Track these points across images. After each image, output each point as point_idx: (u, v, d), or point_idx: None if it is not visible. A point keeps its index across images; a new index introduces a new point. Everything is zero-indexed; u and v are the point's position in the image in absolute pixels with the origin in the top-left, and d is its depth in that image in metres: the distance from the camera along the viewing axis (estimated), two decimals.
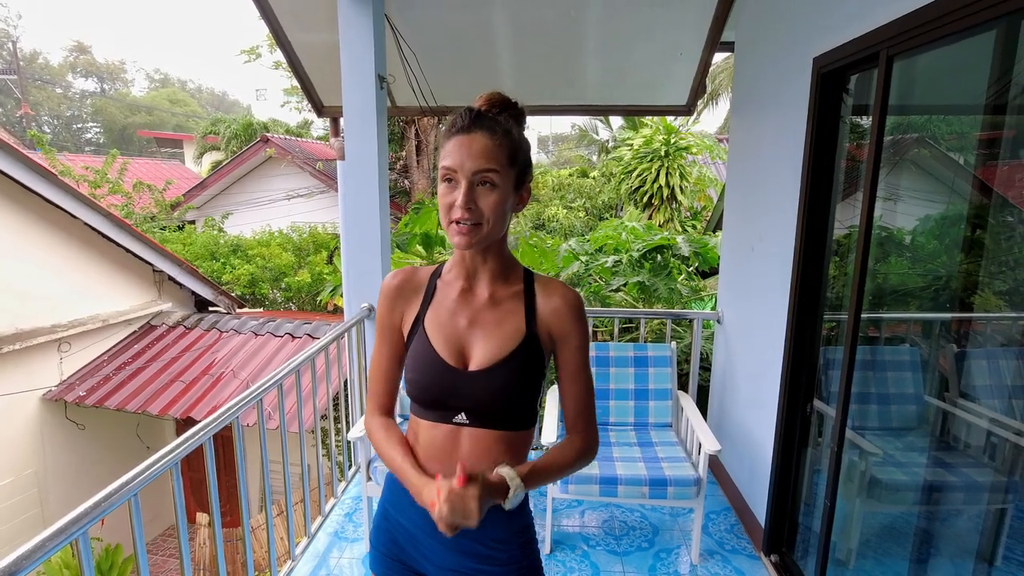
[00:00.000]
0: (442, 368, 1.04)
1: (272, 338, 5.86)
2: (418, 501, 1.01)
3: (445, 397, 1.04)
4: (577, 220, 10.81)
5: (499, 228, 1.01)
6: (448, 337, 1.06)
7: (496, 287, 1.08)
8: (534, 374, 1.05)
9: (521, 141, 1.03)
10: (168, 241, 9.16)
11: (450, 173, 0.97)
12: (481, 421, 1.04)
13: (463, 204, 0.96)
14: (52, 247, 5.26)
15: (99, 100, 35.52)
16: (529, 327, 1.05)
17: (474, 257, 1.06)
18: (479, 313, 1.06)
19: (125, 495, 1.40)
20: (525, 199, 1.06)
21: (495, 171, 0.96)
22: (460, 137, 0.97)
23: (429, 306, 1.10)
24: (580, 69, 3.62)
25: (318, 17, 3.22)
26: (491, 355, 1.03)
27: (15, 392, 5.02)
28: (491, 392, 1.02)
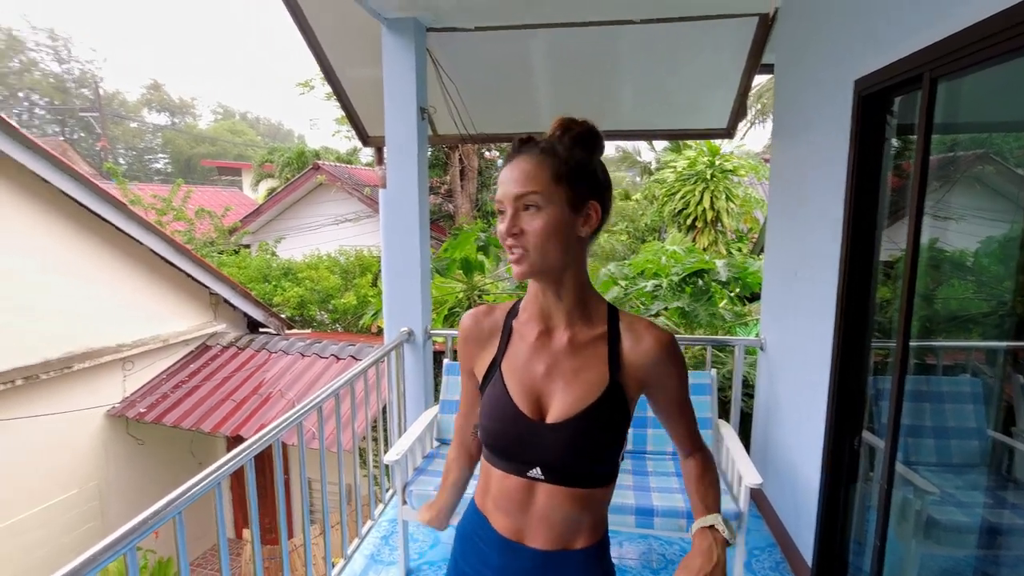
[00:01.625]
0: (517, 418, 0.97)
1: (318, 359, 6.03)
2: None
3: (519, 449, 0.98)
4: (619, 243, 10.75)
5: (554, 254, 0.93)
6: (525, 385, 0.99)
7: (576, 329, 1.00)
8: (616, 427, 0.98)
9: (570, 157, 0.93)
10: (224, 265, 9.62)
11: (499, 204, 0.95)
12: (557, 477, 0.97)
13: (506, 230, 0.92)
14: (120, 271, 5.61)
15: (168, 132, 37.96)
16: (612, 375, 0.97)
17: (547, 293, 0.99)
18: (558, 359, 0.99)
19: (171, 512, 1.47)
20: (594, 220, 0.96)
21: (536, 192, 0.90)
22: (505, 168, 0.95)
23: (506, 350, 1.03)
24: (617, 95, 3.65)
25: (364, 54, 3.37)
26: (570, 407, 0.95)
27: (83, 408, 5.33)
28: (569, 448, 0.95)
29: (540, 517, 0.99)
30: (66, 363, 5.07)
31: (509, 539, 1.01)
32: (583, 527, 1.00)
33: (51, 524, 5.00)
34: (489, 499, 1.04)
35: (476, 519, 1.07)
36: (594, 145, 0.97)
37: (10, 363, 4.67)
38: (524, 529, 1.00)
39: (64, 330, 5.11)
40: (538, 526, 0.99)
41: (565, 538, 1.00)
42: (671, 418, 1.05)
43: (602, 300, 1.05)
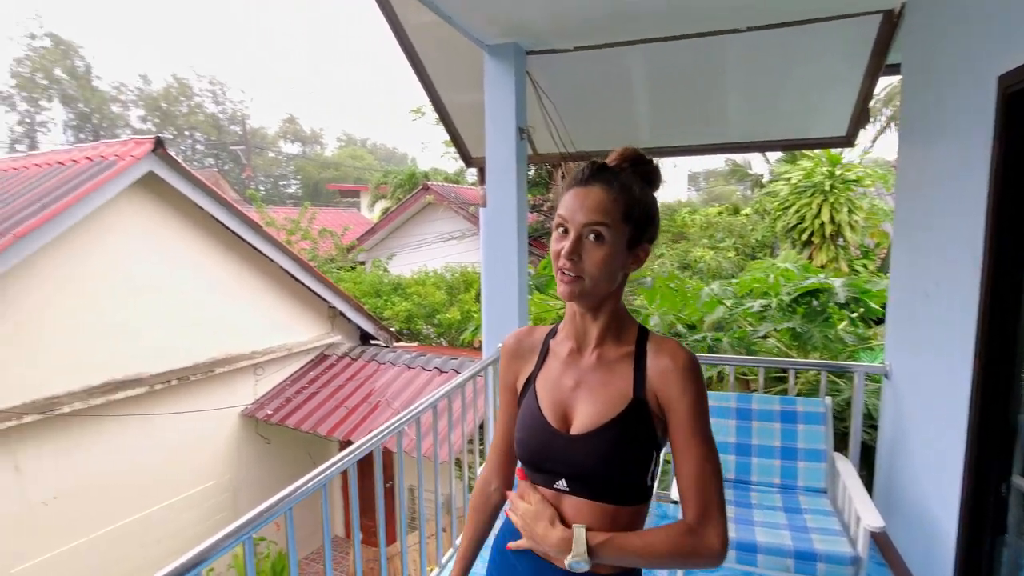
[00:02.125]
0: (544, 429, 1.01)
1: (422, 371, 6.30)
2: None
3: (545, 459, 1.01)
4: (726, 260, 10.18)
5: (605, 285, 0.97)
6: (554, 398, 1.03)
7: (605, 347, 1.03)
8: (640, 443, 0.97)
9: (642, 199, 0.98)
10: (342, 280, 10.39)
11: (562, 221, 0.97)
12: (582, 489, 0.98)
13: (567, 253, 0.94)
14: (256, 286, 6.27)
15: (299, 160, 41.97)
16: (636, 392, 0.98)
17: (584, 316, 1.03)
18: (586, 374, 1.02)
19: (282, 508, 1.60)
20: (641, 259, 1.00)
21: (605, 225, 0.93)
22: (577, 189, 0.97)
23: (542, 366, 1.08)
24: (721, 107, 3.51)
25: (467, 79, 3.53)
26: (592, 419, 0.98)
27: (222, 408, 5.98)
28: (589, 458, 0.97)
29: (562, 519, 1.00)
30: (210, 367, 5.73)
31: (538, 555, 1.02)
32: None
33: (191, 511, 5.63)
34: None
35: (509, 531, 1.09)
36: (656, 183, 1.02)
37: (168, 365, 5.37)
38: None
39: (210, 338, 5.78)
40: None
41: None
42: (676, 450, 0.97)
43: (634, 322, 1.06)
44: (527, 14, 2.84)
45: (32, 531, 4.50)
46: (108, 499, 4.98)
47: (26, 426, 4.38)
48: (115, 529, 5.00)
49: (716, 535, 0.92)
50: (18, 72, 30.76)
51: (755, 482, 2.50)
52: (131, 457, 5.17)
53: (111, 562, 4.85)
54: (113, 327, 4.97)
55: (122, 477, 5.10)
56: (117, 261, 5.00)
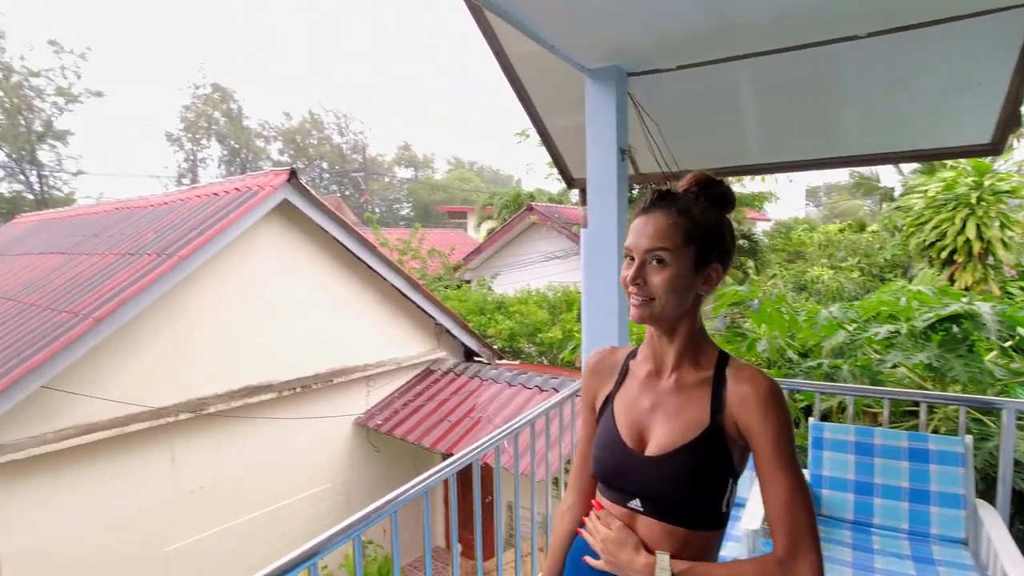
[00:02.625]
0: (620, 448, 1.04)
1: (523, 389, 6.39)
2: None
3: (619, 478, 1.04)
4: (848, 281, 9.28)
5: (674, 306, 1.00)
6: (631, 418, 1.06)
7: (683, 371, 1.05)
8: (715, 469, 0.98)
9: (704, 221, 1.01)
10: (448, 299, 10.83)
11: (628, 251, 1.04)
12: (655, 511, 1.00)
13: (631, 279, 1.01)
14: (370, 303, 6.74)
15: (412, 184, 44.59)
16: (713, 418, 0.98)
17: (661, 338, 1.06)
18: (663, 397, 1.04)
19: (388, 510, 1.73)
20: (713, 280, 1.03)
21: (666, 250, 0.98)
22: (640, 218, 1.03)
23: (620, 386, 1.11)
24: (841, 118, 3.29)
25: (568, 104, 3.60)
26: (668, 442, 1.00)
27: (338, 415, 6.45)
28: (663, 481, 0.99)
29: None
30: (329, 377, 6.22)
31: (609, 571, 1.03)
32: None
33: (310, 510, 6.10)
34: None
35: (585, 545, 1.10)
36: (728, 205, 1.04)
37: (294, 374, 5.92)
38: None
39: (330, 351, 6.29)
40: None
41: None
42: (762, 480, 0.95)
43: (715, 347, 1.06)
44: (629, 37, 2.86)
45: (182, 516, 5.12)
46: (242, 493, 5.55)
47: (181, 423, 5.02)
48: (247, 520, 5.55)
49: (809, 568, 0.89)
50: (185, 117, 35.73)
51: (878, 525, 2.27)
52: (261, 456, 5.73)
53: (242, 550, 5.38)
54: (250, 338, 5.57)
55: (254, 474, 5.66)
56: (255, 280, 5.62)
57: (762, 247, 12.80)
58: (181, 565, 5.06)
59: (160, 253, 4.95)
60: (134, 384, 4.73)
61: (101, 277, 5.09)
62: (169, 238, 5.26)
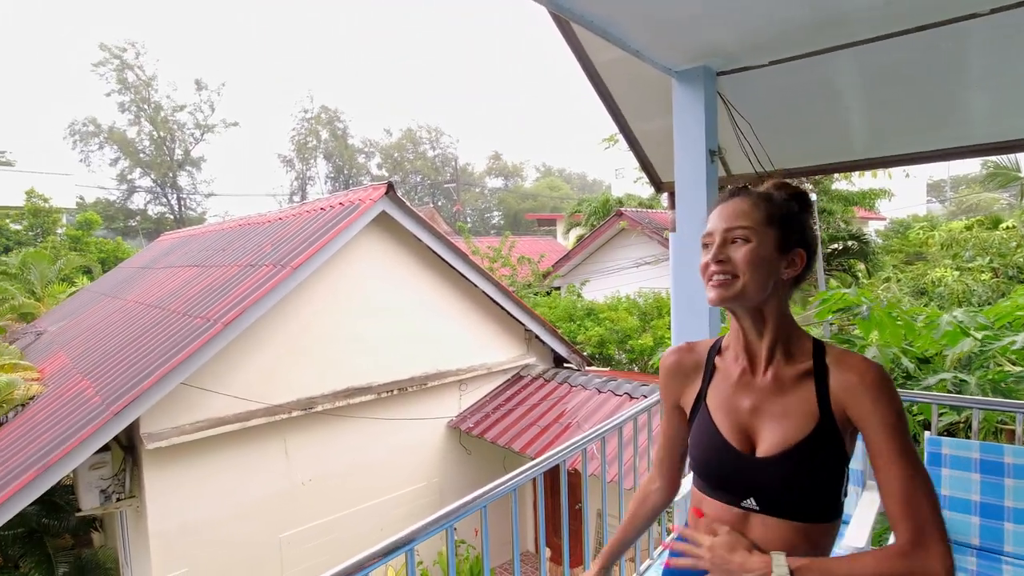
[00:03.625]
0: (727, 451, 1.01)
1: (612, 396, 6.33)
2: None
3: (731, 481, 1.01)
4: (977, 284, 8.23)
5: (757, 285, 0.97)
6: (732, 419, 1.03)
7: (780, 367, 1.01)
8: (832, 462, 0.95)
9: (785, 205, 1.01)
10: (538, 305, 10.94)
11: (707, 239, 1.03)
12: (773, 509, 0.97)
13: (713, 257, 0.99)
14: (463, 310, 6.98)
15: (502, 193, 45.47)
16: (823, 410, 0.95)
17: (751, 331, 1.03)
18: (764, 397, 1.01)
19: (479, 504, 1.81)
20: (798, 265, 1.01)
21: (747, 227, 0.98)
22: (718, 208, 1.04)
23: (710, 384, 1.09)
24: (959, 105, 3.00)
25: (655, 107, 3.57)
26: (780, 442, 0.97)
27: (432, 417, 6.73)
28: (782, 481, 0.96)
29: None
30: (424, 380, 6.51)
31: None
32: None
33: (406, 506, 6.39)
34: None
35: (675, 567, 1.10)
36: (808, 203, 1.03)
37: (392, 377, 6.25)
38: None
39: (425, 355, 6.58)
40: None
41: None
42: (878, 470, 0.91)
43: (806, 335, 1.03)
44: (718, 36, 2.80)
45: (294, 506, 5.57)
46: (346, 487, 5.94)
47: (293, 420, 5.48)
48: (350, 513, 5.93)
49: (938, 558, 0.83)
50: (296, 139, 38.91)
51: (1009, 553, 2.04)
52: (363, 454, 6.10)
53: (345, 539, 5.75)
54: (354, 342, 5.97)
55: (356, 470, 6.03)
56: (357, 287, 6.02)
57: (874, 248, 11.74)
58: (294, 551, 5.51)
59: (276, 264, 5.45)
60: (254, 383, 5.23)
61: (228, 286, 5.68)
62: (283, 250, 5.78)
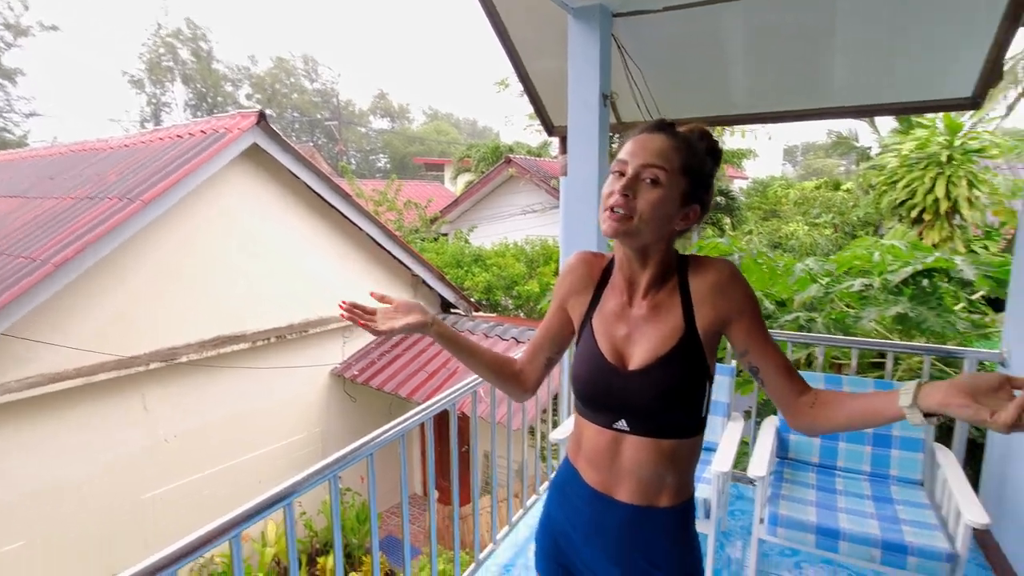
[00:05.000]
0: (603, 366, 1.04)
1: (500, 340, 6.43)
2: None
3: (605, 397, 1.04)
4: (822, 237, 9.42)
5: (651, 229, 0.97)
6: (610, 340, 1.06)
7: (653, 295, 1.05)
8: (696, 373, 1.00)
9: (703, 160, 1.00)
10: (425, 251, 10.71)
11: (620, 165, 0.99)
12: (642, 427, 1.01)
13: (623, 188, 0.96)
14: (346, 253, 6.62)
15: (388, 135, 43.37)
16: (687, 322, 1.00)
17: (632, 262, 1.04)
18: (638, 323, 1.04)
19: (364, 452, 1.72)
20: (691, 219, 1.02)
21: (664, 170, 0.95)
22: (641, 136, 1.00)
23: (598, 304, 1.10)
24: (828, 68, 3.23)
25: (550, 44, 3.47)
26: (650, 354, 1.00)
27: (314, 365, 6.42)
28: (651, 391, 0.99)
29: (627, 471, 1.03)
30: (304, 328, 6.16)
31: (599, 492, 1.06)
32: (668, 484, 1.03)
33: (286, 458, 6.14)
34: (581, 454, 1.10)
35: (569, 473, 1.13)
36: (719, 161, 1.04)
37: (268, 324, 5.83)
38: (612, 483, 1.05)
39: (305, 301, 6.20)
40: (625, 480, 1.03)
41: (650, 494, 1.03)
42: (761, 349, 1.00)
43: (676, 255, 1.07)
44: None
45: (159, 464, 5.10)
46: (219, 441, 5.54)
47: (153, 372, 4.93)
48: (224, 468, 5.56)
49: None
50: (148, 57, 33.77)
51: (841, 468, 2.36)
52: (237, 406, 5.70)
53: (221, 496, 5.41)
54: (223, 288, 5.44)
55: (230, 424, 5.63)
56: (227, 227, 5.44)
57: (739, 204, 12.87)
58: (162, 512, 5.08)
59: (123, 197, 4.73)
60: (102, 333, 4.60)
61: (60, 221, 4.86)
62: (132, 181, 5.03)
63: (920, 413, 0.79)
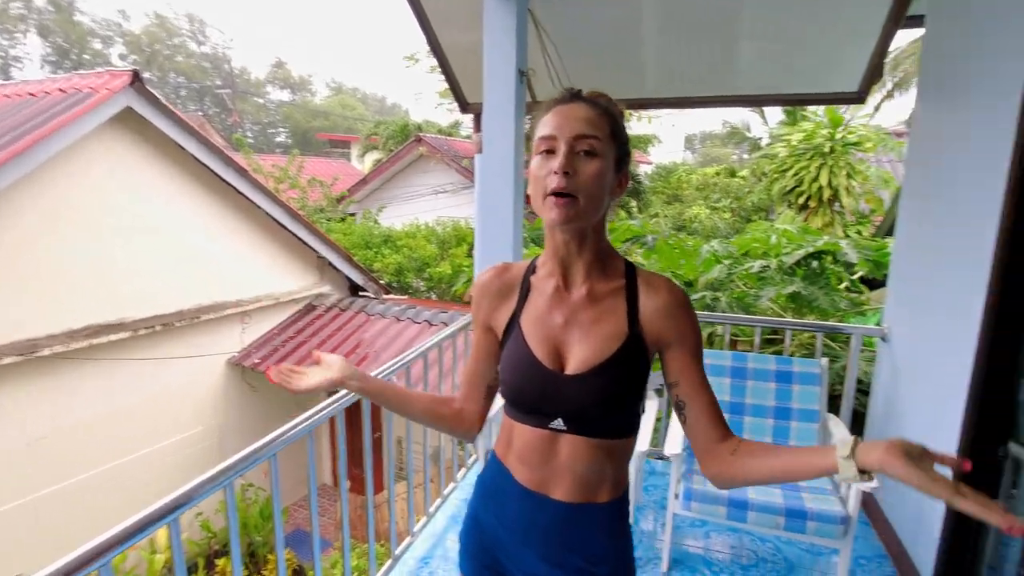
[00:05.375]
0: (538, 370, 0.97)
1: (412, 324, 6.25)
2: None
3: (542, 401, 0.98)
4: (721, 221, 10.08)
5: (596, 205, 0.92)
6: (544, 337, 0.99)
7: (593, 282, 0.99)
8: (637, 378, 0.96)
9: (621, 123, 0.96)
10: (332, 231, 10.19)
11: (548, 142, 0.91)
12: (579, 427, 0.96)
13: (562, 167, 0.87)
14: (243, 233, 6.11)
15: (288, 107, 40.75)
16: (632, 327, 0.95)
17: (568, 245, 0.97)
18: (576, 311, 0.98)
19: (267, 454, 1.55)
20: (623, 185, 0.98)
21: (597, 139, 0.89)
22: (560, 107, 0.92)
23: (524, 305, 1.03)
24: (734, 57, 3.35)
25: (465, 16, 3.33)
26: (590, 358, 0.95)
27: (208, 354, 5.91)
28: (590, 397, 0.94)
29: (564, 468, 0.98)
30: (196, 314, 5.63)
31: (532, 491, 1.01)
32: (606, 480, 0.99)
33: (177, 456, 5.63)
34: (512, 453, 1.04)
35: (498, 471, 1.07)
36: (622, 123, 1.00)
37: (152, 311, 5.26)
38: (548, 481, 0.99)
39: (196, 285, 5.66)
40: (562, 478, 0.98)
41: (588, 490, 0.99)
42: (694, 385, 0.96)
43: (619, 256, 1.02)
44: None
45: (20, 471, 4.47)
46: (95, 443, 4.96)
47: (9, 367, 4.30)
48: (103, 472, 5.00)
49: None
50: None
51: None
52: (117, 402, 5.12)
53: (100, 503, 4.86)
54: (94, 269, 4.83)
55: (109, 422, 5.06)
56: (96, 201, 4.82)
57: (645, 188, 13.39)
58: (26, 526, 4.48)
59: None
60: None
61: None
62: None
63: (855, 467, 0.78)
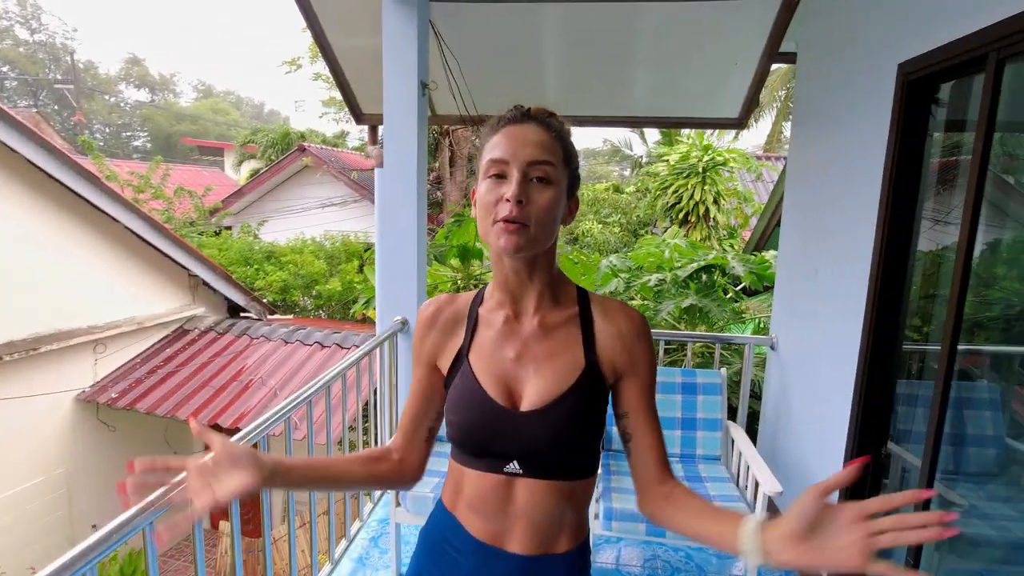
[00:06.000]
0: (490, 408, 0.89)
1: (302, 346, 5.82)
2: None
3: (494, 442, 0.89)
4: (612, 236, 10.59)
5: (548, 234, 0.86)
6: (495, 373, 0.91)
7: (546, 311, 0.92)
8: (596, 411, 0.90)
9: (572, 147, 0.92)
10: (205, 246, 9.28)
11: (499, 166, 0.83)
12: (536, 469, 0.88)
13: (516, 194, 0.81)
14: (94, 249, 5.33)
15: (147, 109, 36.92)
16: (588, 358, 0.90)
17: (518, 274, 0.90)
18: (528, 343, 0.91)
19: (142, 523, 1.28)
20: (573, 211, 0.93)
21: (552, 164, 0.84)
22: (511, 128, 0.85)
23: (473, 339, 0.94)
24: (630, 79, 3.48)
25: (362, 22, 3.16)
26: (545, 393, 0.88)
27: (50, 392, 5.06)
28: (547, 434, 0.87)
29: (521, 517, 0.89)
30: (33, 344, 4.80)
31: (486, 544, 0.91)
32: (566, 527, 0.92)
33: (15, 511, 4.74)
34: (462, 501, 0.93)
35: (446, 523, 0.96)
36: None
37: None
38: (503, 532, 0.91)
39: (32, 310, 4.83)
40: (519, 528, 0.90)
41: (548, 540, 0.91)
42: (643, 419, 0.92)
43: (571, 282, 0.98)
44: None
45: None
46: None
47: None
48: None
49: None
50: None
51: (700, 456, 2.54)
52: None
53: None
54: None
55: None
56: None
57: None
58: None
59: None
60: None
61: None
62: None
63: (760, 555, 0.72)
